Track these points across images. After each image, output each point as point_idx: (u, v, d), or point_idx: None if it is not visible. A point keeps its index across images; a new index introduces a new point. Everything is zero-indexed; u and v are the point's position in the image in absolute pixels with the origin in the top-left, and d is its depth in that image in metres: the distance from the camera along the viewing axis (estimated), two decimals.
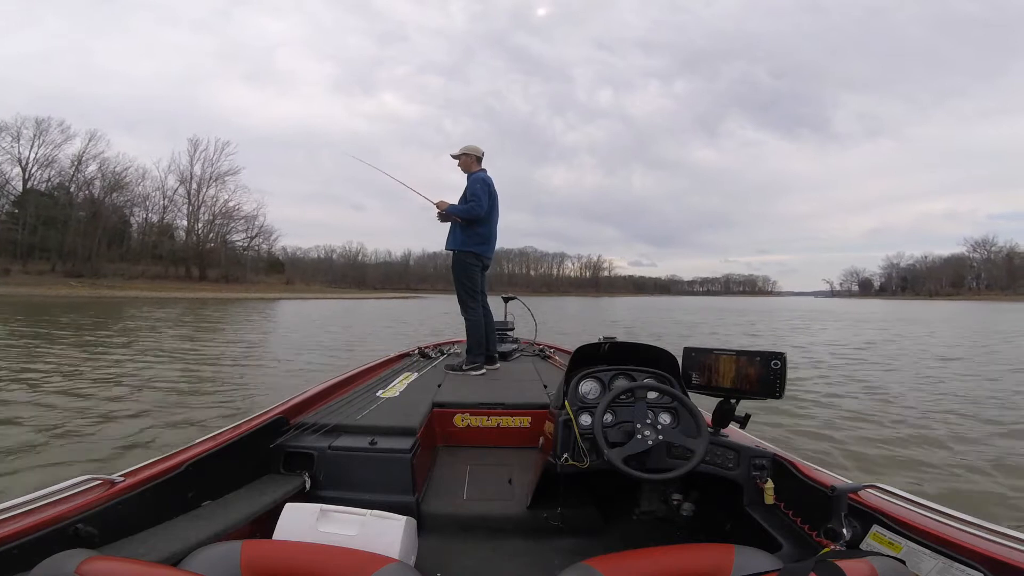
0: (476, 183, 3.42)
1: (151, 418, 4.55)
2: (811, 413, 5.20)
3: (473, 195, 3.39)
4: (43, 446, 3.73)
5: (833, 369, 8.23)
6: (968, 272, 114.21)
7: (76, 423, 4.29)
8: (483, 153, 3.58)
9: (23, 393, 5.39)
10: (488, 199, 3.43)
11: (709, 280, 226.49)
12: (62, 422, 4.28)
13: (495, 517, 1.80)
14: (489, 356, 3.47)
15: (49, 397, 5.20)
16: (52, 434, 3.99)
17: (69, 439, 3.89)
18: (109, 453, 3.61)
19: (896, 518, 1.11)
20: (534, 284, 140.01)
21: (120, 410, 4.79)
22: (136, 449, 3.72)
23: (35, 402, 5.02)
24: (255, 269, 65.76)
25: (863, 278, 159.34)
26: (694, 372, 1.66)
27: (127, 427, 4.23)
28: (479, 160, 3.55)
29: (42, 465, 3.36)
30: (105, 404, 4.98)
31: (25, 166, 47.02)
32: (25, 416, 4.45)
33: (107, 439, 3.92)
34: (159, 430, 4.21)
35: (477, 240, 3.47)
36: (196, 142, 59.99)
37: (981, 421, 4.87)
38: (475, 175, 3.49)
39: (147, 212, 57.88)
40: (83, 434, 4.03)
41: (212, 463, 1.50)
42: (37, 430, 4.06)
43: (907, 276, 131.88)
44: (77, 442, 3.85)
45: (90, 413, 4.61)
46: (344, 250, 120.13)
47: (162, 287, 47.63)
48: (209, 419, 4.52)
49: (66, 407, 4.78)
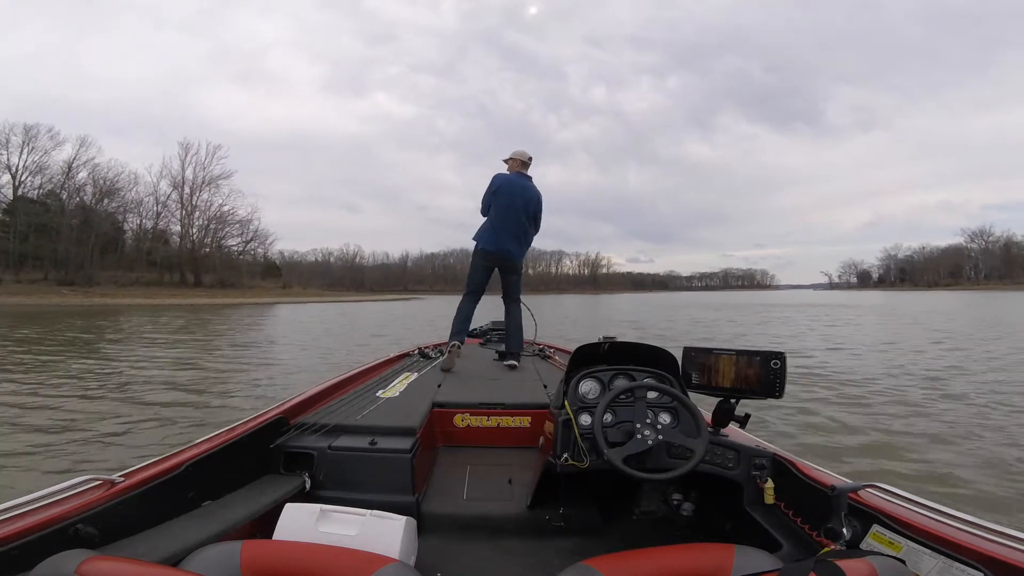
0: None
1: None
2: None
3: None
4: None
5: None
6: (966, 262, 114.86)
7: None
8: (528, 158, 3.77)
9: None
10: (488, 195, 3.65)
11: (707, 275, 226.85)
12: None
13: (495, 517, 1.80)
14: (511, 353, 3.59)
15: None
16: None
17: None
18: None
19: (896, 518, 1.11)
20: (532, 282, 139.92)
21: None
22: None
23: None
24: (251, 274, 65.37)
25: (861, 270, 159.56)
26: (694, 372, 1.66)
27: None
28: (522, 164, 3.75)
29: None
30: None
31: (15, 173, 46.60)
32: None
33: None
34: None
35: (478, 232, 3.71)
36: (187, 146, 59.11)
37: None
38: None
39: (141, 218, 57.58)
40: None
41: (212, 463, 1.50)
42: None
43: (905, 267, 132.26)
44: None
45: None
46: (341, 253, 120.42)
47: (156, 294, 47.15)
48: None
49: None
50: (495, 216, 3.59)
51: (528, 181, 3.70)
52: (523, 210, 3.63)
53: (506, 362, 3.52)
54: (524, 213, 3.64)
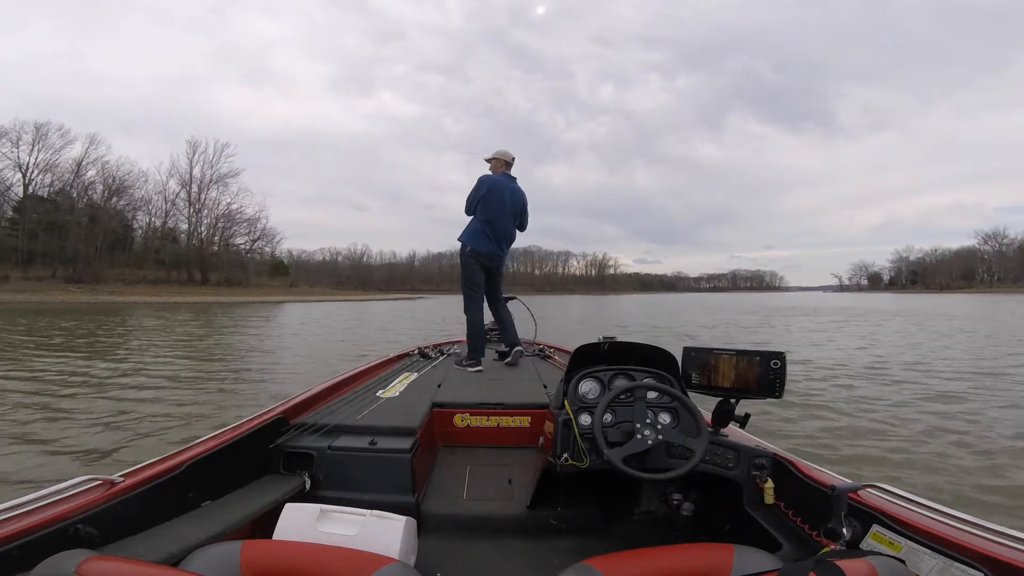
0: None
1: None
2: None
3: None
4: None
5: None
6: (979, 265, 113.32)
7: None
8: (511, 158, 3.72)
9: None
10: (476, 197, 3.58)
11: (715, 276, 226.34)
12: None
13: (495, 517, 1.80)
14: (511, 345, 3.61)
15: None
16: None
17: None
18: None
19: (896, 518, 1.11)
20: (538, 283, 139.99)
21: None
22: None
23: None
24: (259, 272, 65.80)
25: (872, 272, 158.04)
26: (694, 372, 1.65)
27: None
28: (506, 164, 3.70)
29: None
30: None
31: (25, 171, 47.11)
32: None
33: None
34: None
35: (467, 234, 3.62)
36: (195, 144, 59.44)
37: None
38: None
39: (150, 216, 58.08)
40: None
41: (212, 463, 1.50)
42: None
43: (916, 270, 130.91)
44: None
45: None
46: (349, 252, 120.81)
47: (163, 292, 47.53)
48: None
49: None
50: (486, 219, 3.57)
51: (514, 182, 3.72)
52: (512, 213, 3.65)
53: (508, 360, 3.54)
54: (512, 216, 3.66)
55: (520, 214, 3.73)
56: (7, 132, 45.50)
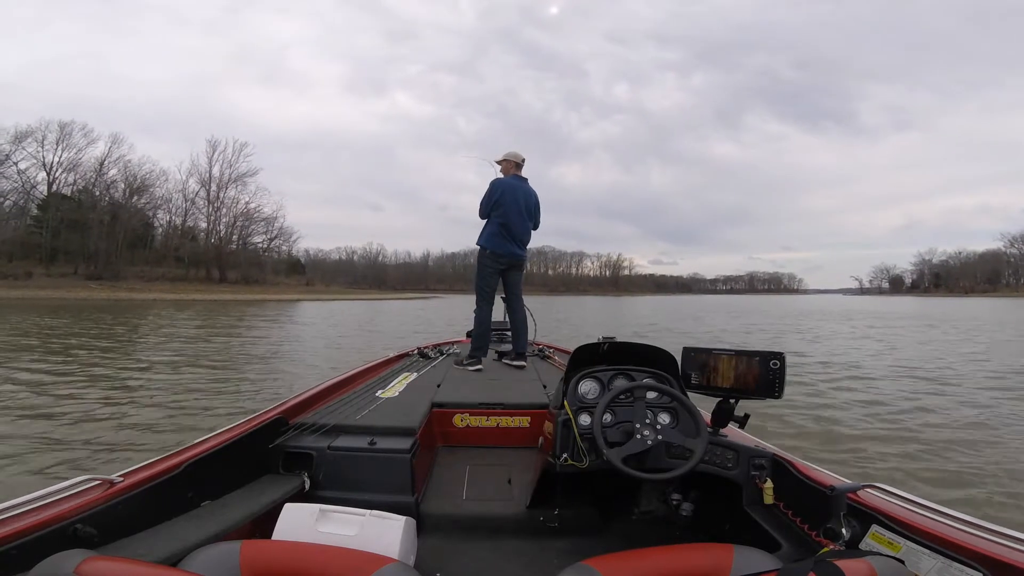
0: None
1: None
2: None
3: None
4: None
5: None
6: (1005, 268, 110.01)
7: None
8: (522, 159, 3.77)
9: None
10: (489, 201, 3.63)
11: (733, 278, 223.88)
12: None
13: (495, 517, 1.80)
14: (519, 354, 3.61)
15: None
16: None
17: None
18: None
19: (895, 518, 1.10)
20: (552, 283, 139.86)
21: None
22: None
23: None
24: (276, 271, 66.66)
25: (894, 275, 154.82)
26: (693, 372, 1.65)
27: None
28: (516, 165, 3.75)
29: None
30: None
31: (50, 170, 48.20)
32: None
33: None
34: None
35: (484, 237, 3.69)
36: (214, 143, 60.43)
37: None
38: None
39: (170, 215, 59.08)
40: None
41: (211, 463, 1.51)
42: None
43: (940, 272, 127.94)
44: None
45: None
46: (365, 251, 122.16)
47: (181, 289, 48.37)
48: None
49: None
50: (503, 221, 3.62)
51: (525, 183, 3.77)
52: (526, 213, 3.70)
53: (515, 363, 3.53)
54: (527, 215, 3.72)
55: (534, 214, 3.79)
56: (33, 132, 46.75)
